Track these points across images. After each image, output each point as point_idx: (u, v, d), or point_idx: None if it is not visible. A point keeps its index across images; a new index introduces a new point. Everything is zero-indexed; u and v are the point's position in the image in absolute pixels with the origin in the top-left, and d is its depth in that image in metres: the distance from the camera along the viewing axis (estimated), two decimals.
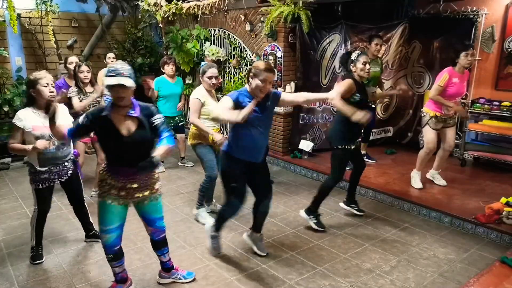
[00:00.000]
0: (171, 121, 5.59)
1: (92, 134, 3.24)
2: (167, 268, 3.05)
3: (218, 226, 3.39)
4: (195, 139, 3.98)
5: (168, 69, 5.53)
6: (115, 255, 2.73)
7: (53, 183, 3.29)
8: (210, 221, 3.67)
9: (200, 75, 4.02)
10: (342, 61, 3.88)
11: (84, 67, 4.41)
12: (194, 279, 3.10)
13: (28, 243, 3.46)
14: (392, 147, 6.22)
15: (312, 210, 3.93)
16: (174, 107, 5.62)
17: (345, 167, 3.94)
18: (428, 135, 4.56)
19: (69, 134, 2.62)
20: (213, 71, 3.95)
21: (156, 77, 5.73)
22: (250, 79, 2.98)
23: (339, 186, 5.02)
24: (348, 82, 3.69)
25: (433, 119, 4.48)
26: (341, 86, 3.65)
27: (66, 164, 3.32)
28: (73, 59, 4.90)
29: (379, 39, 5.35)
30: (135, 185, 2.64)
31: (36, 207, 3.32)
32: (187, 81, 7.05)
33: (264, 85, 2.92)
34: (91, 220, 3.65)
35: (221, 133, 4.08)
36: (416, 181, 4.73)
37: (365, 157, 5.71)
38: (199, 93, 3.93)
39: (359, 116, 3.31)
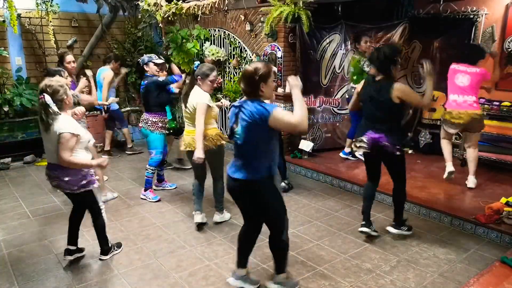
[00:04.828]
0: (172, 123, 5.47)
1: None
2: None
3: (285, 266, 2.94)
4: (212, 142, 3.73)
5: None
6: None
7: None
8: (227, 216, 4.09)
9: (200, 77, 3.72)
10: (375, 60, 3.46)
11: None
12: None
13: (27, 243, 3.46)
14: None
15: (399, 222, 3.73)
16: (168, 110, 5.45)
17: None
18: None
19: None
20: (215, 73, 3.76)
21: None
22: (262, 88, 2.53)
23: (338, 186, 5.03)
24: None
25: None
26: (412, 94, 3.52)
27: None
28: (71, 58, 4.91)
29: (366, 37, 5.47)
30: None
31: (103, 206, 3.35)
32: (186, 81, 6.98)
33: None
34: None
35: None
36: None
37: (350, 155, 5.72)
38: (206, 98, 3.68)
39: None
